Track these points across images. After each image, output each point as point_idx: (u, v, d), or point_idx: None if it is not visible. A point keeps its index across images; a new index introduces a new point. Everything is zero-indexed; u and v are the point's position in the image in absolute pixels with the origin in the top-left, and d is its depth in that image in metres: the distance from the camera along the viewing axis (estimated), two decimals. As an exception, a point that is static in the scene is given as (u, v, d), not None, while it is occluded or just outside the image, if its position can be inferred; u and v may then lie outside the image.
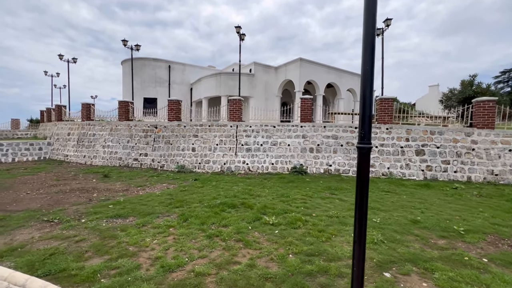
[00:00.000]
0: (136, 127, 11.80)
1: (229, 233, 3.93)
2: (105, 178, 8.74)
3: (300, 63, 18.74)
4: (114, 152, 11.78)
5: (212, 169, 10.15)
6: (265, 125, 10.33)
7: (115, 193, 6.66)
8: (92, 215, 4.78)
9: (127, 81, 22.56)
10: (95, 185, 7.55)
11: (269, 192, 6.66)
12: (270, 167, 9.82)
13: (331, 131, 9.76)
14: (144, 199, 5.91)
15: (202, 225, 4.28)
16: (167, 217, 4.75)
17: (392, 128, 9.27)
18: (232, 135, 10.42)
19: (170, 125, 11.24)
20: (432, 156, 8.73)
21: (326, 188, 7.29)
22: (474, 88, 14.01)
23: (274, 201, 5.84)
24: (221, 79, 19.65)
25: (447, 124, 9.41)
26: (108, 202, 5.62)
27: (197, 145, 10.62)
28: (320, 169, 9.48)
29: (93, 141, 12.57)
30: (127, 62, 22.55)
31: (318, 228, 4.14)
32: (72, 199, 6.04)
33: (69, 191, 6.77)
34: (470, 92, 13.89)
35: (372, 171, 9.07)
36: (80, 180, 8.44)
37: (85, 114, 13.48)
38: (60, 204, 5.56)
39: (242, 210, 5.15)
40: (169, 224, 4.32)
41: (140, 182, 8.01)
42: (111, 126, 12.34)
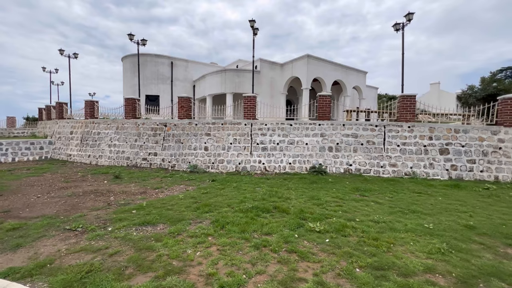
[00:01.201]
0: (144, 125, 11.32)
1: (277, 243, 3.56)
2: (117, 179, 8.28)
3: (308, 59, 18.37)
4: (121, 151, 11.29)
5: (227, 169, 9.75)
6: (281, 123, 9.95)
7: (133, 196, 6.23)
8: (117, 222, 4.36)
9: (128, 78, 21.94)
10: (109, 187, 7.10)
11: (297, 194, 6.30)
12: (287, 167, 9.46)
13: (351, 129, 9.43)
14: (167, 203, 5.50)
15: (242, 233, 3.90)
16: (199, 223, 4.36)
17: (415, 127, 8.98)
18: (246, 134, 10.02)
19: (181, 123, 10.79)
20: (457, 155, 8.46)
21: (353, 189, 6.96)
22: (496, 85, 13.84)
23: (307, 204, 5.49)
24: (226, 76, 19.18)
25: (470, 122, 9.13)
26: (130, 207, 5.20)
27: (210, 144, 10.20)
28: (340, 169, 9.15)
29: (98, 140, 12.05)
30: (128, 58, 21.92)
31: (371, 236, 3.80)
32: (89, 203, 5.60)
33: (83, 194, 6.31)
34: (492, 90, 13.71)
35: (394, 171, 8.78)
36: (90, 181, 7.97)
37: (89, 112, 12.93)
38: (77, 210, 5.12)
39: (278, 215, 4.79)
40: (206, 232, 3.93)
41: (155, 184, 7.59)
42: (117, 125, 11.83)
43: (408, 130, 9.00)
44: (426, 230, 4.06)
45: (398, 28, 11.75)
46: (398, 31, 11.77)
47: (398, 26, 11.73)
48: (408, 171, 8.67)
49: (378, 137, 9.18)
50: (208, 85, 20.38)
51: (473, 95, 14.70)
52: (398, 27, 11.75)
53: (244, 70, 19.46)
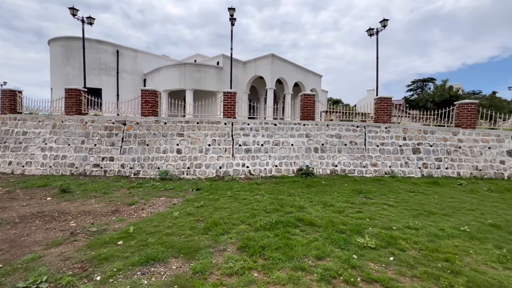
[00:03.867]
0: (95, 123, 9.10)
1: (343, 270, 2.85)
2: (65, 193, 6.25)
3: (272, 59, 18.10)
4: (62, 156, 8.81)
5: (206, 175, 8.52)
6: (265, 122, 9.23)
7: (102, 217, 4.62)
8: (104, 264, 2.96)
9: (58, 65, 17.94)
10: (58, 207, 5.20)
11: (306, 201, 5.69)
12: (273, 169, 8.81)
13: (334, 129, 9.36)
14: (160, 225, 4.19)
15: (291, 261, 3.06)
16: (224, 251, 3.33)
17: (391, 127, 9.44)
18: (227, 134, 8.97)
19: (145, 121, 9.02)
20: (427, 154, 9.21)
21: (354, 191, 6.74)
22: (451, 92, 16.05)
23: (327, 213, 4.92)
24: (186, 70, 17.42)
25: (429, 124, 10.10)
26: (109, 236, 3.72)
27: (184, 146, 8.78)
28: (326, 170, 8.97)
29: (24, 142, 9.18)
30: (59, 42, 17.92)
31: (428, 247, 3.43)
32: (37, 234, 3.84)
33: (21, 221, 4.39)
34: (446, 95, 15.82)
35: (375, 170, 9.04)
36: (23, 199, 5.79)
37: (8, 104, 9.79)
38: (23, 248, 3.40)
39: (309, 230, 4.07)
40: (243, 264, 2.95)
41: (123, 198, 5.95)
42: (53, 122, 9.22)
43: (385, 130, 9.41)
44: (466, 234, 3.93)
45: (372, 34, 12.47)
46: (372, 36, 12.50)
47: (372, 31, 12.46)
48: (388, 170, 9.04)
49: (359, 137, 9.34)
50: (163, 79, 18.19)
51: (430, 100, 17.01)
52: (371, 32, 12.47)
53: (206, 65, 18.04)
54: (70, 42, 17.77)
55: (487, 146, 9.11)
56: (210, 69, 17.99)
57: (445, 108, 9.95)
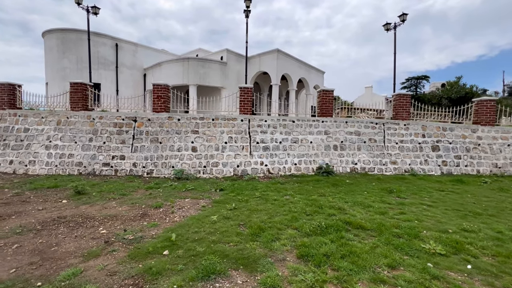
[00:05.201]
0: (103, 119, 8.59)
1: (426, 281, 2.58)
2: (80, 195, 5.80)
3: (277, 54, 17.73)
4: (68, 154, 8.29)
5: (223, 174, 8.17)
6: (283, 119, 8.91)
7: (133, 222, 4.24)
8: (159, 279, 2.61)
9: (54, 59, 17.11)
10: (78, 210, 4.77)
11: (341, 201, 5.43)
12: (293, 168, 8.52)
13: (353, 127, 9.13)
14: (201, 231, 3.84)
15: (363, 271, 2.77)
16: (284, 261, 3.02)
17: (410, 125, 9.27)
18: (244, 131, 8.62)
19: (157, 117, 8.57)
20: (446, 151, 9.09)
21: (382, 190, 6.53)
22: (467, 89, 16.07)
23: (371, 215, 4.66)
24: (189, 65, 16.87)
25: (447, 121, 9.99)
26: (150, 245, 3.35)
27: (199, 144, 8.39)
28: (346, 168, 8.74)
29: (26, 140, 8.60)
30: (54, 34, 17.07)
31: (501, 253, 3.21)
32: (67, 243, 3.44)
33: (43, 227, 3.96)
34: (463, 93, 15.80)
35: (395, 168, 8.87)
36: (36, 202, 5.32)
37: (6, 99, 9.14)
38: (57, 261, 3.00)
39: (363, 234, 3.80)
40: (315, 277, 2.65)
41: (146, 200, 5.56)
42: (58, 118, 8.66)
43: (404, 128, 9.23)
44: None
45: (389, 28, 12.24)
46: (389, 31, 12.27)
47: (389, 26, 12.22)
48: (407, 168, 8.88)
49: (378, 134, 9.14)
50: (165, 75, 17.58)
51: (444, 97, 17.01)
52: (389, 27, 12.24)
53: (210, 60, 17.53)
54: (66, 34, 16.96)
55: (507, 144, 9.06)
56: (214, 64, 17.49)
57: (461, 105, 9.85)
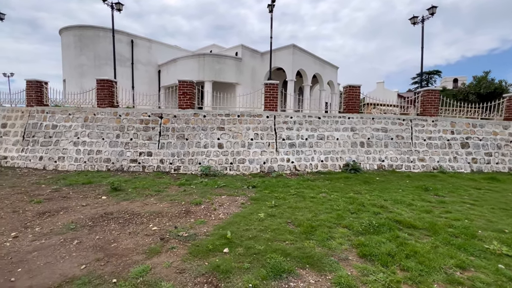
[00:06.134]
0: (129, 116, 8.64)
1: (505, 284, 2.51)
2: (117, 191, 5.86)
3: (293, 50, 17.52)
4: (96, 151, 8.38)
5: (250, 170, 8.15)
6: (308, 116, 8.82)
7: (179, 219, 4.25)
8: (231, 277, 2.60)
9: (71, 56, 17.27)
10: (121, 207, 4.82)
11: (380, 199, 5.34)
12: (319, 165, 8.44)
13: (380, 123, 8.97)
14: (251, 228, 3.82)
15: (435, 272, 2.71)
16: (347, 260, 2.98)
17: (438, 121, 9.06)
18: (269, 128, 8.56)
19: (183, 114, 8.57)
20: (476, 148, 8.87)
21: (417, 188, 6.41)
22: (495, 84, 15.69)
23: (417, 213, 4.58)
24: (205, 61, 16.82)
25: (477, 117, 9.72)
26: (209, 242, 3.34)
27: (225, 141, 8.37)
28: (373, 165, 8.61)
29: (54, 136, 8.72)
30: (72, 31, 17.20)
31: None
32: (126, 240, 3.47)
33: (94, 223, 4.01)
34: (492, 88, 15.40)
35: (423, 165, 8.70)
36: (76, 198, 5.39)
37: (35, 96, 9.27)
38: (122, 257, 3.02)
39: (417, 234, 3.73)
40: (388, 278, 2.60)
41: (182, 196, 5.57)
42: (85, 115, 8.75)
43: (432, 124, 9.03)
44: None
45: (416, 22, 11.92)
46: (416, 25, 11.95)
47: (416, 19, 11.89)
48: (436, 165, 8.70)
49: (406, 131, 8.97)
50: (180, 71, 17.56)
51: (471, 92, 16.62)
52: (415, 21, 11.92)
53: (225, 56, 17.44)
54: (83, 31, 17.07)
55: (541, 140, 8.79)
56: (230, 60, 17.39)
57: (490, 101, 9.57)
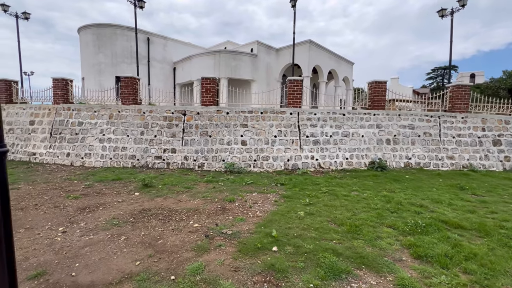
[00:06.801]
0: (153, 113, 8.70)
1: None
2: (147, 188, 5.91)
3: (310, 46, 17.24)
4: (122, 148, 8.50)
5: (274, 168, 8.08)
6: (332, 112, 8.66)
7: (217, 216, 4.23)
8: (288, 276, 2.55)
9: (90, 54, 17.55)
10: (157, 203, 4.85)
11: (416, 198, 5.19)
12: (344, 162, 8.29)
13: (407, 120, 8.72)
14: (294, 226, 3.77)
15: (502, 276, 2.58)
16: (402, 261, 2.88)
17: (468, 117, 8.73)
18: (293, 125, 8.45)
19: (206, 111, 8.56)
20: (509, 146, 8.51)
21: (451, 186, 6.20)
22: None
23: (460, 213, 4.41)
24: (220, 58, 16.79)
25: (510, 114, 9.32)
26: (256, 240, 3.31)
27: (249, 138, 8.32)
28: (400, 163, 8.40)
29: (80, 133, 8.89)
30: (90, 29, 17.46)
31: None
32: (171, 237, 3.47)
33: (136, 220, 4.04)
34: None
35: (452, 163, 8.42)
36: (111, 194, 5.46)
37: (61, 94, 9.45)
38: (172, 254, 3.02)
39: (467, 234, 3.59)
40: (454, 280, 2.49)
41: (214, 193, 5.56)
42: (110, 112, 8.87)
43: (462, 121, 8.71)
44: None
45: (444, 14, 11.48)
46: (444, 17, 11.51)
47: (444, 12, 11.45)
48: (466, 164, 8.40)
49: (434, 128, 8.69)
50: (196, 68, 17.60)
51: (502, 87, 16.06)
52: (444, 13, 11.48)
53: (241, 52, 17.35)
54: (101, 30, 17.30)
55: None
56: (245, 56, 17.30)
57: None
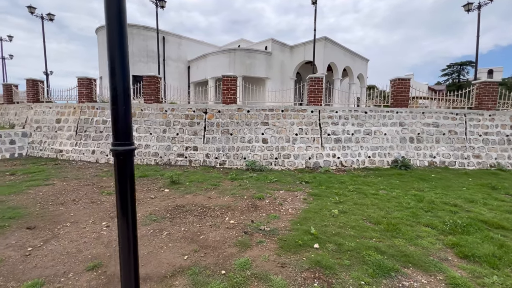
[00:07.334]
0: (175, 111, 8.84)
1: None
2: (175, 185, 6.03)
3: (325, 42, 17.03)
4: (145, 145, 8.68)
5: (295, 166, 8.08)
6: (354, 110, 8.57)
7: (250, 213, 4.29)
8: (337, 273, 2.57)
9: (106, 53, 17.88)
10: (188, 200, 4.95)
11: (448, 198, 5.09)
12: (366, 161, 8.21)
13: (431, 117, 8.53)
14: (329, 224, 3.78)
15: (559, 278, 2.52)
16: (448, 261, 2.85)
17: (495, 115, 8.47)
18: (314, 123, 8.42)
19: (227, 109, 8.63)
20: (540, 145, 8.21)
21: (482, 186, 6.05)
22: None
23: (499, 213, 4.31)
24: (235, 56, 16.83)
25: None
26: (297, 237, 3.34)
27: (270, 136, 8.35)
28: (424, 162, 8.24)
29: (105, 131, 9.13)
30: (105, 29, 17.77)
31: None
32: (211, 233, 3.54)
33: (174, 216, 4.14)
34: None
35: (479, 162, 8.20)
36: (142, 191, 5.60)
37: (85, 93, 9.73)
38: (216, 249, 3.09)
39: (510, 235, 3.51)
40: (509, 281, 2.45)
41: (241, 190, 5.62)
42: (133, 111, 9.06)
43: (489, 118, 8.46)
44: None
45: (470, 9, 11.11)
46: (470, 12, 11.15)
47: (470, 6, 11.08)
48: (493, 163, 8.17)
49: (459, 126, 8.47)
50: (210, 66, 17.73)
51: None
52: (470, 7, 11.11)
53: (256, 50, 17.34)
54: (119, 30, 17.61)
55: None
56: (260, 54, 17.29)
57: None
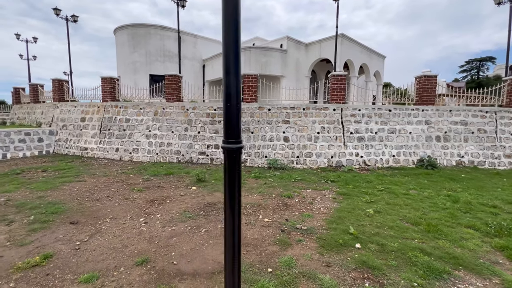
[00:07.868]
0: (196, 110, 8.92)
1: None
2: (201, 182, 6.10)
3: (342, 39, 16.73)
4: (167, 143, 8.82)
5: (317, 164, 8.01)
6: (378, 108, 8.39)
7: (282, 212, 4.28)
8: (384, 273, 2.53)
9: (125, 53, 18.31)
10: (216, 198, 4.99)
11: (483, 199, 4.91)
12: (391, 160, 8.03)
13: (459, 115, 8.25)
14: (366, 224, 3.72)
15: None
16: (499, 265, 2.74)
17: (529, 113, 8.09)
18: (336, 121, 8.30)
19: (248, 107, 8.64)
20: None
21: (518, 187, 5.80)
22: None
23: (543, 215, 4.13)
24: (251, 54, 16.81)
25: None
26: (333, 236, 3.31)
27: (291, 134, 8.30)
28: (451, 161, 7.99)
29: (128, 129, 9.33)
30: (125, 29, 18.19)
31: None
32: (248, 231, 3.56)
33: (207, 213, 4.20)
34: None
35: (510, 162, 7.87)
36: (169, 188, 5.70)
37: (108, 92, 9.97)
38: (256, 247, 3.10)
39: None
40: None
41: (268, 189, 5.62)
42: (155, 109, 9.22)
43: (523, 117, 8.09)
44: None
45: (501, 2, 10.67)
46: (501, 4, 10.70)
47: None
48: (526, 163, 7.82)
49: (489, 124, 8.15)
50: (226, 65, 17.77)
51: None
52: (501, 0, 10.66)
53: (271, 48, 17.28)
54: (136, 30, 17.96)
55: None
56: (275, 52, 17.21)
57: None
